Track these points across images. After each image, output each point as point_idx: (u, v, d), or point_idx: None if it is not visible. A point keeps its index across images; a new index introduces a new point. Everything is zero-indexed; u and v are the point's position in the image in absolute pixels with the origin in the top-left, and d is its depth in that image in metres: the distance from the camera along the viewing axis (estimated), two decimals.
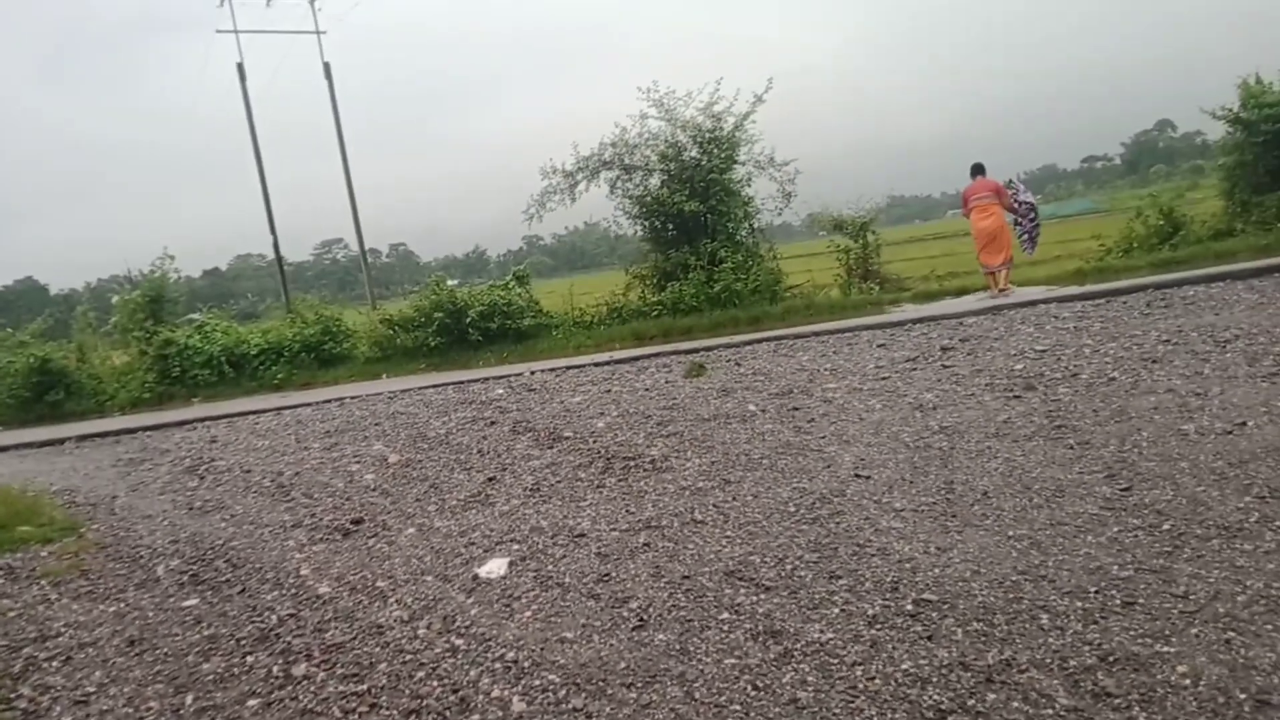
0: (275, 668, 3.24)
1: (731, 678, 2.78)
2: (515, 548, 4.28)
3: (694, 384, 8.09)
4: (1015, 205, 12.14)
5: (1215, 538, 3.36)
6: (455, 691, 2.90)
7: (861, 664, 2.76)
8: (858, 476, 4.66)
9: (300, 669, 3.20)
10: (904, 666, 2.71)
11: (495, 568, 4.02)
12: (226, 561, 4.61)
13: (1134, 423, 4.90)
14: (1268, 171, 12.52)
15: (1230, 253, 11.25)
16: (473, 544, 4.43)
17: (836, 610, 3.16)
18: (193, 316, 15.64)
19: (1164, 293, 9.17)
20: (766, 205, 14.69)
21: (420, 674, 3.06)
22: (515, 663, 3.05)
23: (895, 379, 7.02)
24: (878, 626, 3.00)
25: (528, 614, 3.48)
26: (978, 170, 12.05)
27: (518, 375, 10.39)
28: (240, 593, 4.13)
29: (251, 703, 3.00)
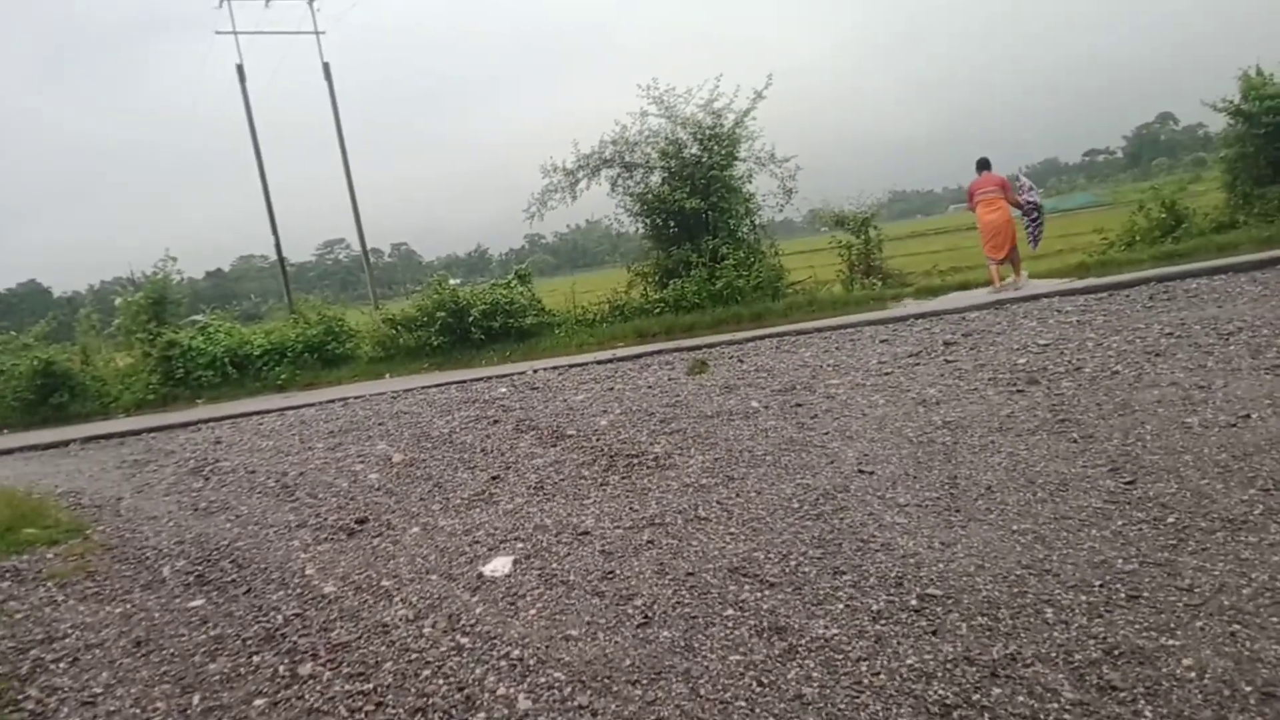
0: (281, 667, 3.25)
1: (736, 674, 2.79)
2: (519, 546, 4.29)
3: (697, 381, 8.09)
4: (1021, 202, 12.11)
5: (1220, 531, 3.35)
6: (461, 690, 2.91)
7: (866, 659, 2.77)
8: (861, 472, 4.66)
9: (306, 668, 3.22)
10: (909, 661, 2.72)
11: (500, 566, 4.03)
12: (232, 562, 4.62)
13: (1137, 416, 4.90)
14: (1269, 164, 12.46)
15: (1232, 245, 11.21)
16: (477, 543, 4.44)
17: (841, 606, 3.16)
18: (196, 318, 15.68)
19: (1166, 286, 9.15)
20: (767, 202, 14.67)
21: (426, 672, 3.07)
22: (521, 660, 3.06)
23: (898, 374, 7.02)
24: (882, 622, 3.00)
25: (532, 612, 3.49)
26: (983, 165, 12.02)
27: (520, 374, 10.39)
28: (246, 593, 4.14)
29: (258, 702, 3.01)
